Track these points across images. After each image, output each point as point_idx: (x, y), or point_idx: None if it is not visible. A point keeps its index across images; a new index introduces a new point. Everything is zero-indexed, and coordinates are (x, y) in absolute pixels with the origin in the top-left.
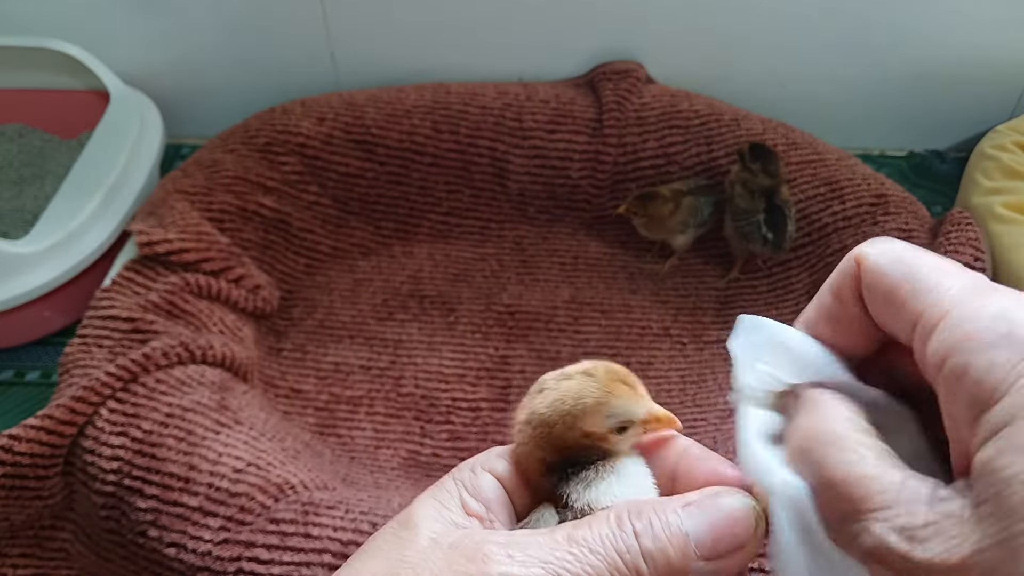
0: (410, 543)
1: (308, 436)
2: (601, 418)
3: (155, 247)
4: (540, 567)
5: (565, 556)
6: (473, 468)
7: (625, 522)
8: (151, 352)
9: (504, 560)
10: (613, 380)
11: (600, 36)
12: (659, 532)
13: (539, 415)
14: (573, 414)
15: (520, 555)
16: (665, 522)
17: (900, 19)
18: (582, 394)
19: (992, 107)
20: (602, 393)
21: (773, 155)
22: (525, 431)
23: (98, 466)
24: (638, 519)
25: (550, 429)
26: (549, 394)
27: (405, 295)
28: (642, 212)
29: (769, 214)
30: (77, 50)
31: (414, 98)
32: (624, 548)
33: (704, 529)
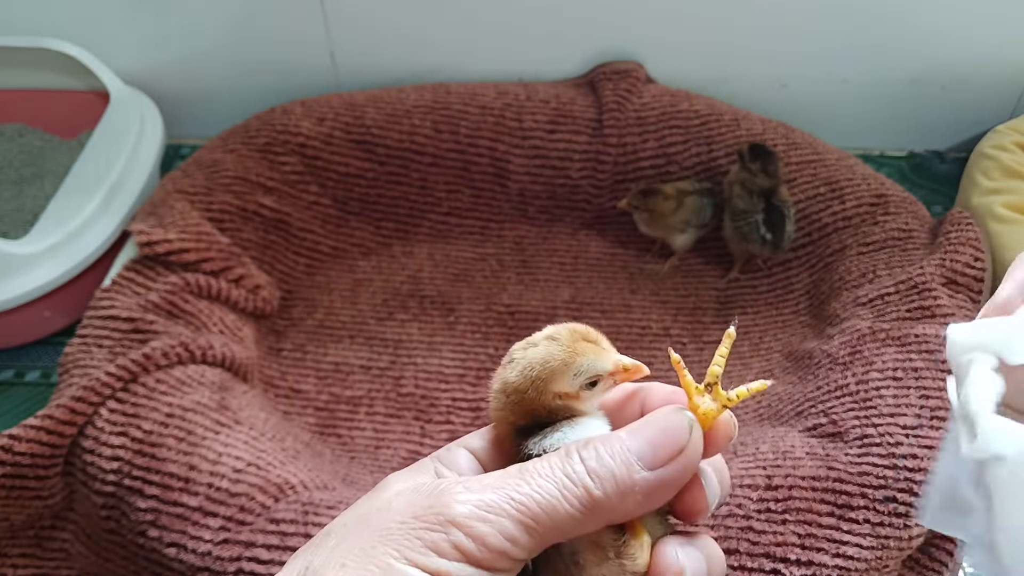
0: (377, 497)
1: (308, 436)
2: (569, 378)
3: (155, 247)
4: (492, 491)
5: (516, 482)
6: (449, 447)
7: (572, 451)
8: (151, 352)
9: (459, 491)
10: (577, 340)
11: (600, 36)
12: (604, 457)
13: (511, 383)
14: (542, 378)
15: (475, 485)
16: (609, 445)
17: (900, 20)
18: (548, 358)
19: (992, 107)
20: (567, 354)
21: (772, 155)
22: (499, 399)
23: (98, 466)
24: (584, 448)
25: (522, 395)
26: (518, 363)
27: (405, 295)
28: (643, 207)
29: (768, 214)
30: (77, 50)
31: (414, 98)
32: (571, 470)
33: (643, 442)
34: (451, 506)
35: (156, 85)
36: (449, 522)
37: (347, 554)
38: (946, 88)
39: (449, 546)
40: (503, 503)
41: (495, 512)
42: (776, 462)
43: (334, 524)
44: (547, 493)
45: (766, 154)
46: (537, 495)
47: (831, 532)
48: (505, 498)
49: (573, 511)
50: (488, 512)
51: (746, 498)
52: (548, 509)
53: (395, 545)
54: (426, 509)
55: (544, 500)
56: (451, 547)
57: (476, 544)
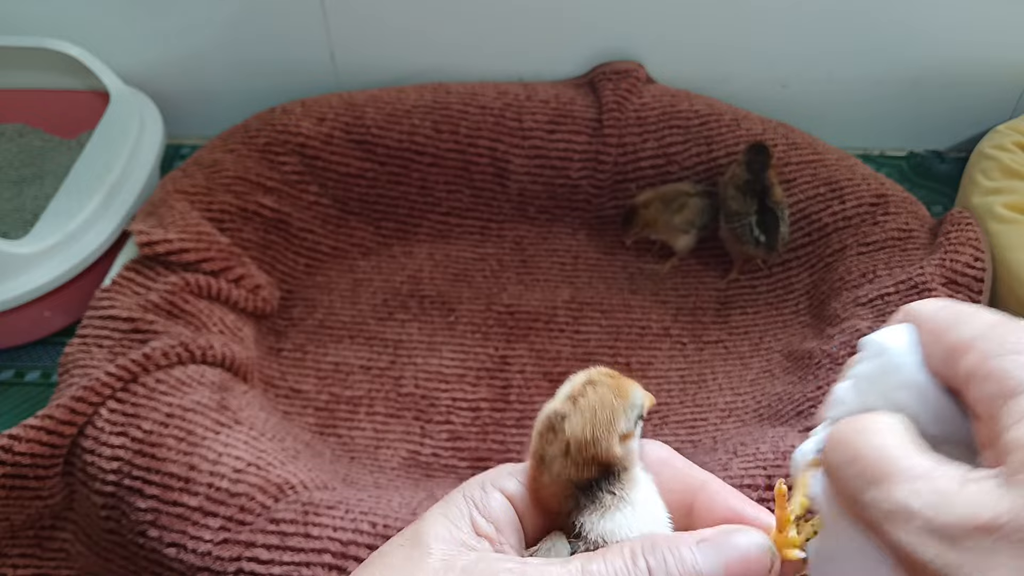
0: (420, 564)
1: (308, 436)
2: (627, 415)
3: (155, 247)
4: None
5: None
6: (483, 486)
7: (639, 557)
8: (151, 352)
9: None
10: (613, 377)
11: (600, 36)
12: (672, 569)
13: (579, 437)
14: (609, 420)
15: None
16: (679, 558)
17: (900, 20)
18: (606, 399)
19: (992, 107)
20: (618, 391)
21: (764, 152)
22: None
23: (98, 466)
24: (652, 555)
25: (593, 451)
26: (579, 414)
27: (405, 295)
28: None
29: (761, 216)
30: (77, 50)
31: (414, 98)
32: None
33: (718, 566)
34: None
35: (156, 85)
36: None
37: None
38: (946, 88)
39: None
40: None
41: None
42: (776, 462)
43: None
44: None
45: (758, 150)
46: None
47: None
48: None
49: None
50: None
51: None
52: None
53: None
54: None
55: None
56: None
57: None
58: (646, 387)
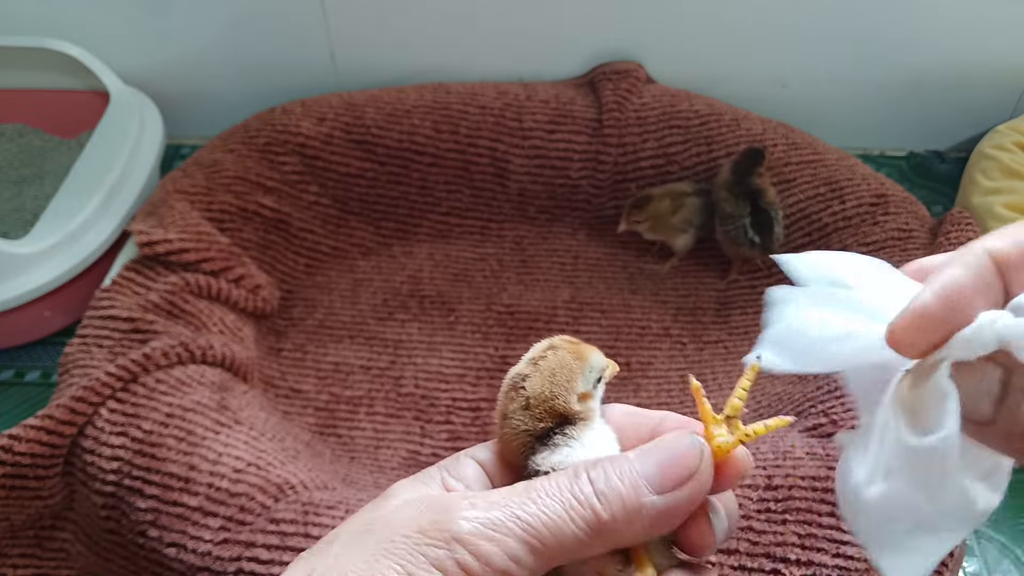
0: (383, 506)
1: (308, 436)
2: (585, 377)
3: (155, 247)
4: (499, 509)
5: (523, 500)
6: (457, 457)
7: (581, 471)
8: (151, 352)
9: (466, 507)
10: (574, 344)
11: (600, 36)
12: (611, 475)
13: (539, 394)
14: (568, 380)
15: (481, 502)
16: (618, 467)
17: (900, 20)
18: (565, 362)
19: (992, 107)
20: (577, 355)
21: (752, 156)
22: (520, 414)
23: (98, 466)
24: (592, 468)
25: (550, 404)
26: (539, 374)
27: (405, 295)
28: (643, 217)
29: (755, 217)
30: (77, 50)
31: (414, 98)
32: (579, 490)
33: (652, 466)
34: (456, 522)
35: (156, 85)
36: (454, 539)
37: (350, 564)
38: (946, 88)
39: (453, 564)
40: (508, 521)
41: (500, 531)
42: (776, 462)
43: (339, 530)
44: (553, 513)
45: (746, 153)
46: (543, 515)
47: (831, 532)
48: (511, 516)
49: (579, 532)
50: (493, 530)
51: (746, 498)
52: (554, 529)
53: (399, 559)
54: (431, 524)
55: (550, 520)
56: (455, 565)
57: (480, 563)
58: (645, 387)
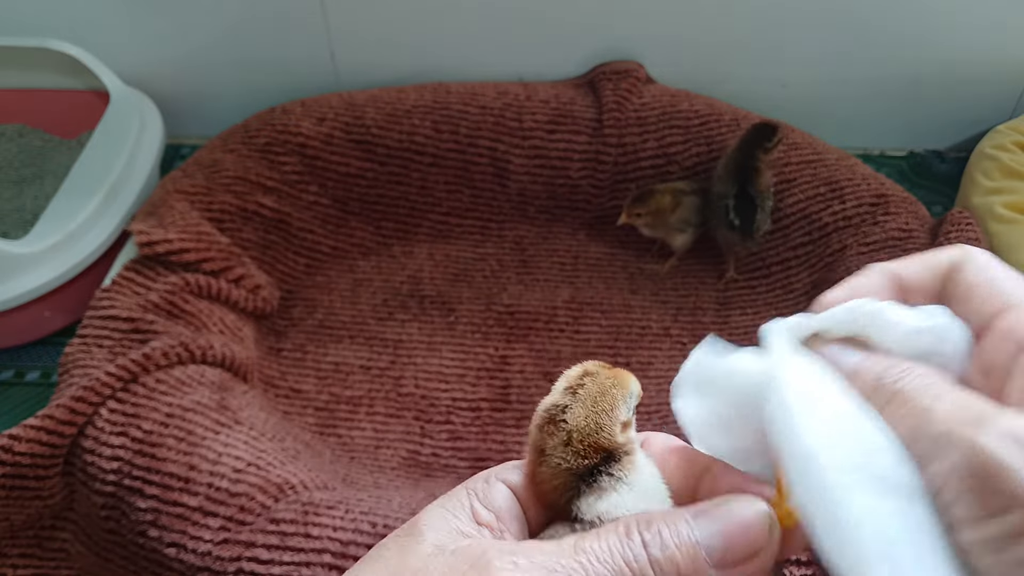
0: (413, 550)
1: (308, 436)
2: (626, 404)
3: (155, 247)
4: (544, 573)
5: (571, 564)
6: (487, 479)
7: (633, 532)
8: (151, 352)
9: (508, 566)
10: (607, 368)
11: (600, 36)
12: (668, 541)
13: (581, 427)
14: (610, 408)
15: (524, 562)
16: (675, 531)
17: (900, 19)
18: (605, 388)
19: (992, 107)
20: (616, 380)
21: (761, 131)
22: (558, 453)
23: (98, 466)
24: (647, 529)
25: (595, 438)
26: (578, 408)
27: (405, 295)
28: (644, 211)
29: (739, 200)
30: (77, 50)
31: (414, 98)
32: (632, 557)
33: (715, 536)
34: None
35: (156, 85)
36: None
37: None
38: (946, 88)
39: None
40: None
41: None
42: None
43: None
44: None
45: (758, 127)
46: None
47: None
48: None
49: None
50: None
51: None
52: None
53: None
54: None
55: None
56: None
57: None
58: (646, 387)
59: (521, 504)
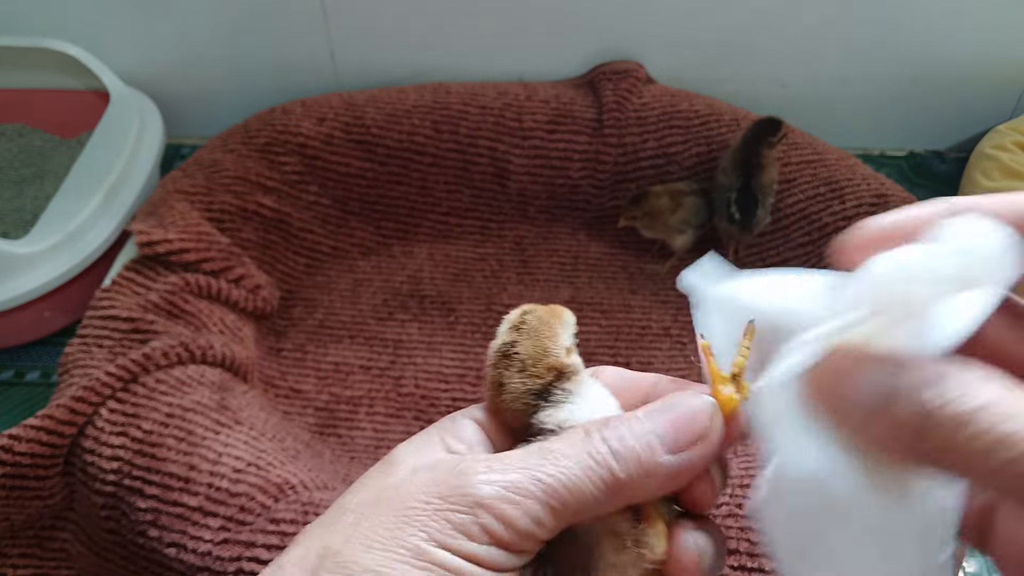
0: (393, 473)
1: (308, 436)
2: (566, 334)
3: (155, 247)
4: (517, 472)
5: (539, 462)
6: (453, 418)
7: (593, 431)
8: (151, 352)
9: (483, 470)
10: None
11: (600, 36)
12: (624, 432)
13: (530, 354)
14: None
15: (498, 465)
16: (629, 426)
17: (900, 19)
18: (546, 320)
19: (992, 107)
20: (554, 314)
21: (766, 126)
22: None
23: (98, 466)
24: (605, 428)
25: (546, 360)
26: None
27: (405, 295)
28: (639, 213)
29: (741, 194)
30: (77, 50)
31: (414, 98)
32: (594, 450)
33: (665, 424)
34: (477, 487)
35: (156, 85)
36: (477, 504)
37: (371, 534)
38: (946, 88)
39: (479, 529)
40: (529, 484)
41: (521, 493)
42: None
43: (347, 502)
44: (572, 474)
45: (762, 121)
46: (563, 475)
47: None
48: (531, 479)
49: (596, 492)
50: (515, 494)
51: (746, 498)
52: (573, 490)
53: (422, 526)
54: (452, 489)
55: (569, 481)
56: (480, 530)
57: (504, 526)
58: None
59: (489, 438)
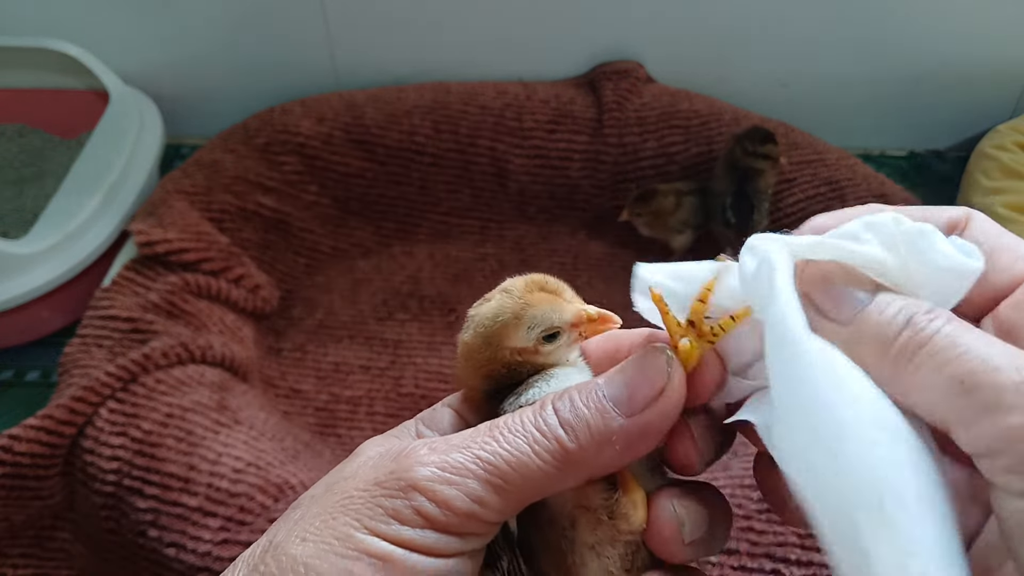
0: (347, 465)
1: (308, 436)
2: (523, 331)
3: (155, 247)
4: (459, 451)
5: (484, 439)
6: (435, 407)
7: (546, 403)
8: (151, 352)
9: (424, 452)
10: (532, 291)
11: (600, 36)
12: (578, 404)
13: (467, 343)
14: (494, 333)
15: (441, 445)
16: (585, 394)
17: (900, 20)
18: (499, 312)
19: (992, 107)
20: (518, 306)
21: (752, 136)
22: (461, 363)
23: (98, 466)
24: (559, 399)
25: (480, 354)
26: (471, 321)
27: (405, 295)
28: (645, 211)
29: (736, 199)
30: (77, 50)
31: (414, 98)
32: (543, 423)
33: (620, 387)
34: (413, 469)
35: (156, 85)
36: (411, 486)
37: (308, 526)
38: (946, 88)
39: (411, 512)
40: (468, 463)
41: (460, 473)
42: None
43: (303, 496)
44: (516, 449)
45: (750, 131)
46: (505, 452)
47: None
48: (471, 458)
49: (545, 466)
50: (453, 473)
51: (746, 498)
52: (518, 466)
53: (355, 514)
54: (388, 474)
55: (513, 457)
56: (413, 513)
57: (440, 509)
58: None
59: (465, 424)
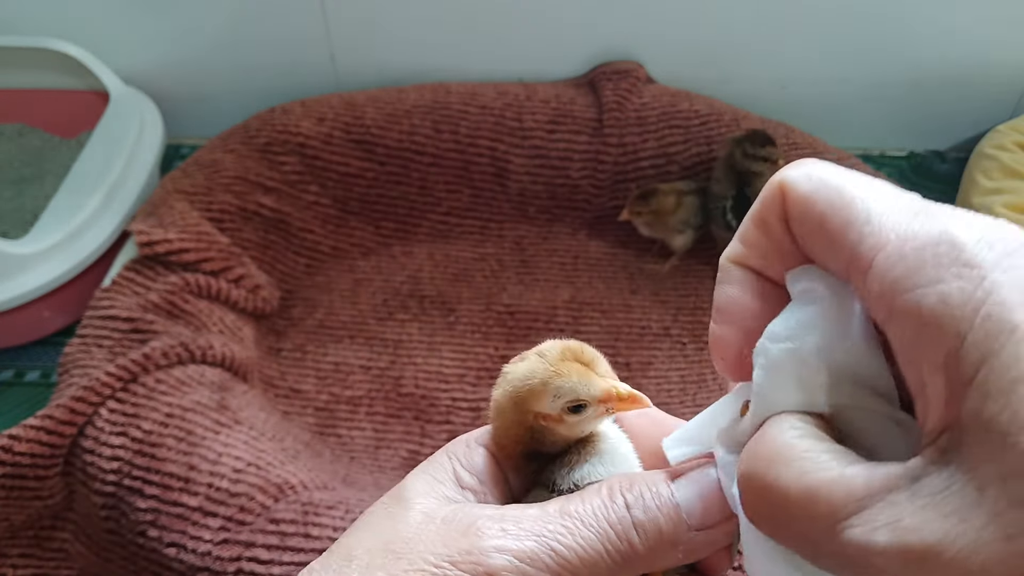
0: (403, 518)
1: (308, 436)
2: (549, 399)
3: (155, 247)
4: (534, 540)
5: (558, 528)
6: (468, 443)
7: (616, 494)
8: (151, 352)
9: (497, 534)
10: (565, 359)
11: (600, 36)
12: (650, 503)
13: (497, 401)
14: (522, 396)
15: (513, 528)
16: (656, 493)
17: (900, 20)
18: (529, 375)
19: (992, 107)
20: (548, 374)
21: (752, 139)
22: (493, 419)
23: (98, 466)
24: (629, 491)
25: (509, 414)
26: (503, 379)
27: (405, 295)
28: (646, 210)
29: (736, 201)
30: (77, 50)
31: (414, 98)
32: (616, 519)
33: (694, 500)
34: (489, 555)
35: (156, 85)
36: (488, 574)
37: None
38: (946, 88)
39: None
40: (543, 554)
41: (535, 565)
42: None
43: (353, 545)
44: (590, 546)
45: (749, 135)
46: (579, 547)
47: None
48: (546, 549)
49: (612, 564)
50: (529, 565)
51: None
52: (588, 563)
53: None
54: (464, 555)
55: (586, 554)
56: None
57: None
58: (645, 387)
59: (502, 467)
